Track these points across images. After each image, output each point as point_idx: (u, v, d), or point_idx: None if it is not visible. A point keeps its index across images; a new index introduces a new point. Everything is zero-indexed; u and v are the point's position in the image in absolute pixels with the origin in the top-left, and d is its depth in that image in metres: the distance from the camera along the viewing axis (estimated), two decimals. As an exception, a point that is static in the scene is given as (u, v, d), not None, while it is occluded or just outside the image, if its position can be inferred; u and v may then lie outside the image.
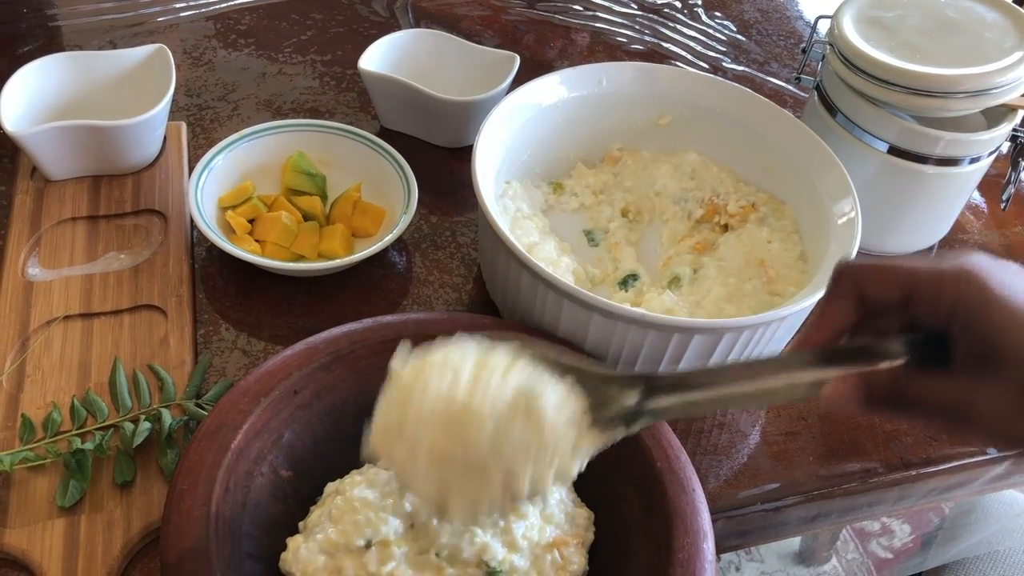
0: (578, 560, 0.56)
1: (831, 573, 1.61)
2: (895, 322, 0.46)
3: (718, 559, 1.55)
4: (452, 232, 0.82)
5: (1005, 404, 0.41)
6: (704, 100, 0.81)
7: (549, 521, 0.56)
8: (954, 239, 0.89)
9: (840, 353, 0.47)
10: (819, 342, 0.47)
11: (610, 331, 0.63)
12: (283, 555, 0.54)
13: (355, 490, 0.56)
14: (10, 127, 0.73)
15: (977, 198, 0.94)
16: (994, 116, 0.79)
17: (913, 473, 0.71)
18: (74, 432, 0.62)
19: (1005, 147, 0.81)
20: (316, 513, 0.56)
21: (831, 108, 0.81)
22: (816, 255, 0.71)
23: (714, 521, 0.57)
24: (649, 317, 0.61)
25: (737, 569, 1.62)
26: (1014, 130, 0.79)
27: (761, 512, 0.67)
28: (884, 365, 0.45)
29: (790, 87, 1.06)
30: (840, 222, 0.69)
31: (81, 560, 0.56)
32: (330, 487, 0.58)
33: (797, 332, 0.57)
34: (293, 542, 0.54)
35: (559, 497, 0.58)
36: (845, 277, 0.47)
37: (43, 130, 0.74)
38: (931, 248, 0.87)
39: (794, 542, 1.63)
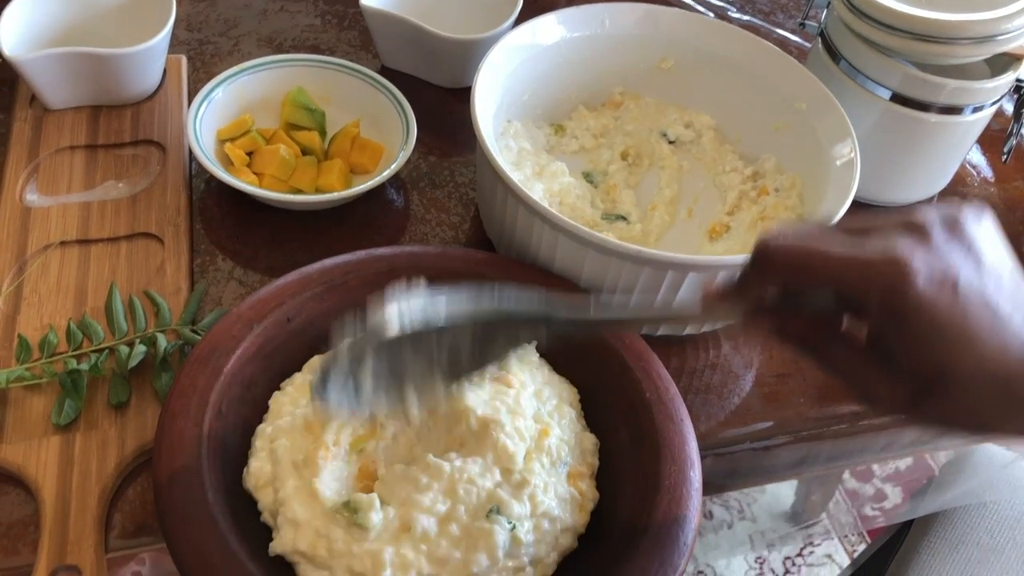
0: (592, 493, 0.57)
1: (822, 533, 1.62)
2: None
3: (711, 505, 1.55)
4: (451, 172, 0.82)
5: (896, 392, 0.42)
6: (706, 44, 0.80)
7: (560, 453, 0.56)
8: (954, 191, 0.89)
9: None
10: (733, 304, 0.45)
11: (605, 266, 0.63)
12: (243, 473, 0.55)
13: (289, 387, 0.58)
14: (9, 52, 0.73)
15: (978, 154, 0.94)
16: (998, 65, 0.79)
17: (902, 418, 0.71)
18: (70, 354, 0.62)
19: (1007, 104, 0.81)
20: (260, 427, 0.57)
21: (835, 55, 0.80)
22: (814, 197, 0.71)
23: (703, 458, 0.57)
24: (645, 253, 0.61)
25: (729, 527, 1.63)
26: (1017, 80, 0.78)
27: (750, 450, 0.68)
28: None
29: (795, 37, 1.05)
30: (838, 163, 0.69)
31: (76, 476, 0.57)
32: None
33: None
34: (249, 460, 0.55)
35: (571, 417, 0.58)
36: (767, 260, 0.42)
37: (42, 56, 0.73)
38: (931, 199, 0.87)
39: (787, 501, 1.64)
